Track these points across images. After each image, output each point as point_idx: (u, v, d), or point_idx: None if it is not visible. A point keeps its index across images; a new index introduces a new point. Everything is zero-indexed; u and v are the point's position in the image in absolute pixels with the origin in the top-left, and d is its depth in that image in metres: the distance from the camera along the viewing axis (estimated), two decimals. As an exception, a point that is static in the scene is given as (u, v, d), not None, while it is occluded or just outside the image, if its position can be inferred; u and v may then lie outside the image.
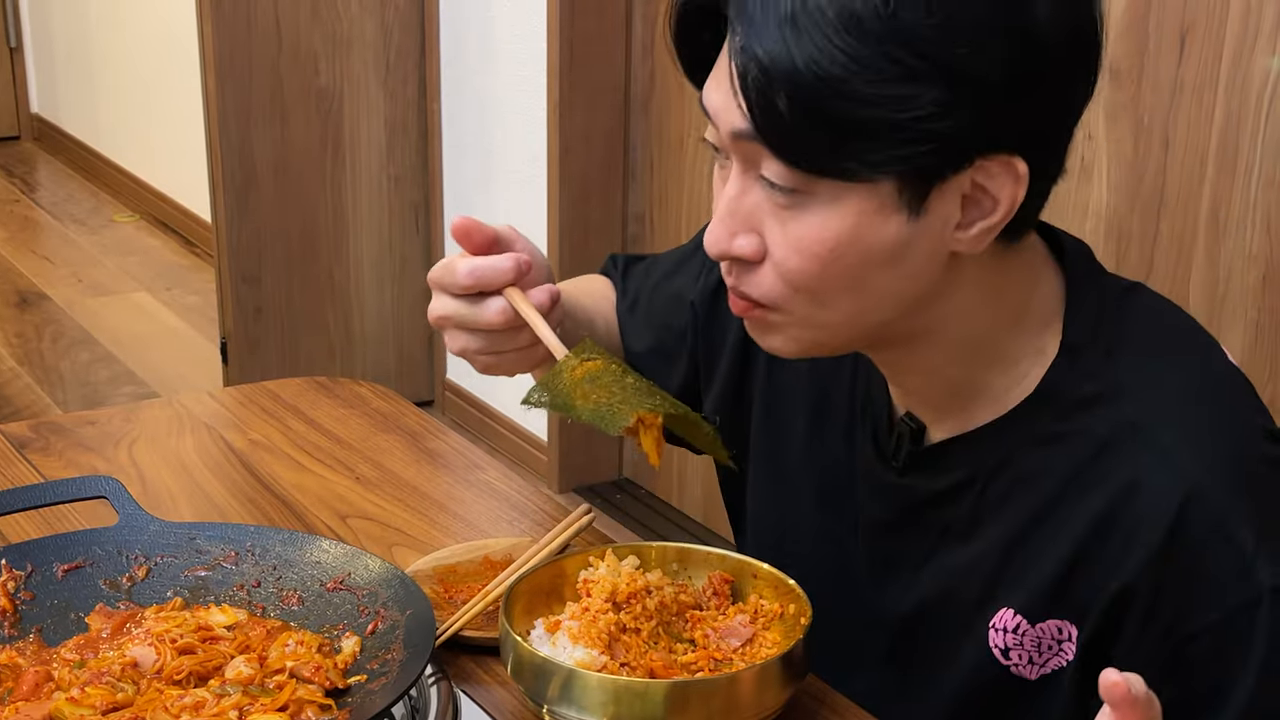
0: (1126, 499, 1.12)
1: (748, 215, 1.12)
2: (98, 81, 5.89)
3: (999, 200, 1.08)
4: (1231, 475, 1.11)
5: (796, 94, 1.03)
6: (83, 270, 5.11)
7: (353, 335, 3.96)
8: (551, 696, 1.14)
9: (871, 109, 1.02)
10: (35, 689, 1.15)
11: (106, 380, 4.30)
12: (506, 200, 3.62)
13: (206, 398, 1.85)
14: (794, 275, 1.11)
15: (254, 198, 3.74)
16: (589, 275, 1.58)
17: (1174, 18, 2.14)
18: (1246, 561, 1.09)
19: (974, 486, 1.20)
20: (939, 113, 1.02)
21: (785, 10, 1.03)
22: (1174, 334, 1.21)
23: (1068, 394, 1.16)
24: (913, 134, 1.03)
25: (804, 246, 1.09)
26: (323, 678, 1.15)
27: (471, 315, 1.28)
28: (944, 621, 1.25)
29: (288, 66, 3.71)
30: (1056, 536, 1.16)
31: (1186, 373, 1.18)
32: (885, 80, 1.02)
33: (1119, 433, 1.14)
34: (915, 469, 1.24)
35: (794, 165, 1.06)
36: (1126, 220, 2.25)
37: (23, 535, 1.44)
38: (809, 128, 1.04)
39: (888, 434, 1.26)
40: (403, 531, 1.52)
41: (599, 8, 3.28)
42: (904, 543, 1.26)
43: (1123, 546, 1.13)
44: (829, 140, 1.04)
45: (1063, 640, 1.18)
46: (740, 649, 1.21)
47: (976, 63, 1.03)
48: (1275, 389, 2.10)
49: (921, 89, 1.02)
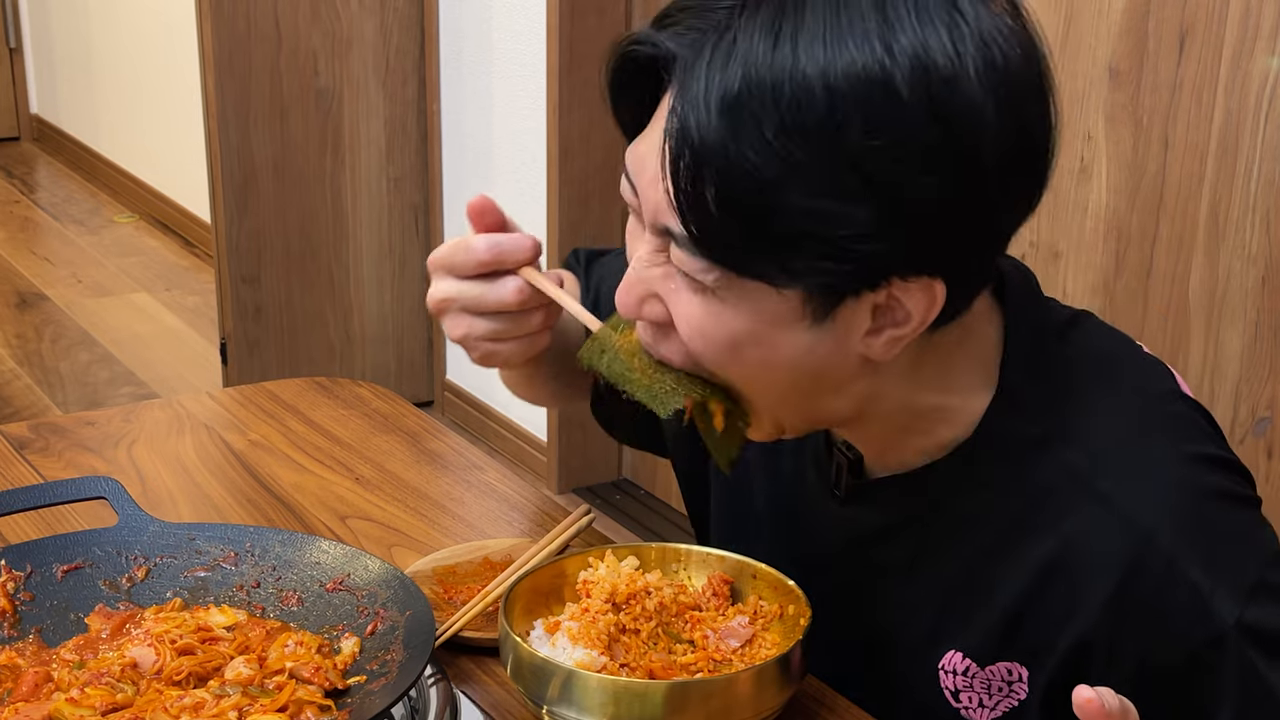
0: (1071, 547, 1.11)
1: (656, 283, 1.09)
2: (97, 82, 5.89)
3: (911, 314, 1.05)
4: (1178, 516, 1.10)
5: (726, 191, 1.00)
6: (82, 271, 5.11)
7: (352, 336, 3.96)
8: (551, 697, 1.14)
9: (799, 221, 0.99)
10: (35, 690, 1.15)
11: (106, 381, 4.30)
12: (506, 201, 3.61)
13: (206, 398, 1.85)
14: (699, 357, 1.10)
15: (253, 198, 3.74)
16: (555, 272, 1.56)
17: (1173, 18, 2.14)
18: (1203, 600, 1.07)
19: (911, 527, 1.19)
20: (866, 235, 1.00)
21: (728, 93, 0.99)
22: (1114, 370, 1.19)
23: (1006, 437, 1.14)
24: (835, 251, 1.00)
25: (705, 335, 1.08)
26: (322, 678, 1.15)
27: (482, 295, 1.22)
28: (893, 660, 1.23)
29: (287, 67, 3.71)
30: (1002, 581, 1.15)
31: (1126, 411, 1.15)
32: (818, 194, 0.99)
33: (1060, 479, 1.12)
34: (855, 501, 1.22)
35: (711, 261, 1.04)
36: (1126, 220, 2.25)
37: (22, 536, 1.44)
38: (732, 226, 1.01)
39: (826, 460, 1.24)
40: (402, 532, 1.52)
41: (598, 8, 3.28)
42: (851, 577, 1.25)
43: (1072, 595, 1.11)
44: (749, 243, 1.01)
45: (1013, 682, 1.17)
46: (739, 650, 1.21)
47: (914, 189, 0.99)
48: (1275, 389, 2.10)
49: (853, 209, 0.99)
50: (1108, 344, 1.21)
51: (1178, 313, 2.19)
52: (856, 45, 0.98)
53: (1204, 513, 1.11)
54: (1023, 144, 1.03)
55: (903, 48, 0.98)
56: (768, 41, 0.99)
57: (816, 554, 1.27)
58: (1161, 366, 1.22)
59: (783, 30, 0.99)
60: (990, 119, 1.00)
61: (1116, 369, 1.19)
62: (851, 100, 0.98)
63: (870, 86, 0.98)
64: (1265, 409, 2.12)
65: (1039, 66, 1.04)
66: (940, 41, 0.99)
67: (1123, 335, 1.23)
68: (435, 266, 1.24)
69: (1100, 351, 1.20)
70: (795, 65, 0.98)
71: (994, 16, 1.01)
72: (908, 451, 1.18)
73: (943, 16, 1.00)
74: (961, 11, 1.00)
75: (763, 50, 0.99)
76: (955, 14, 1.00)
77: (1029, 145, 1.04)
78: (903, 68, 0.98)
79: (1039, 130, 1.05)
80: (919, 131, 0.98)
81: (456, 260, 1.23)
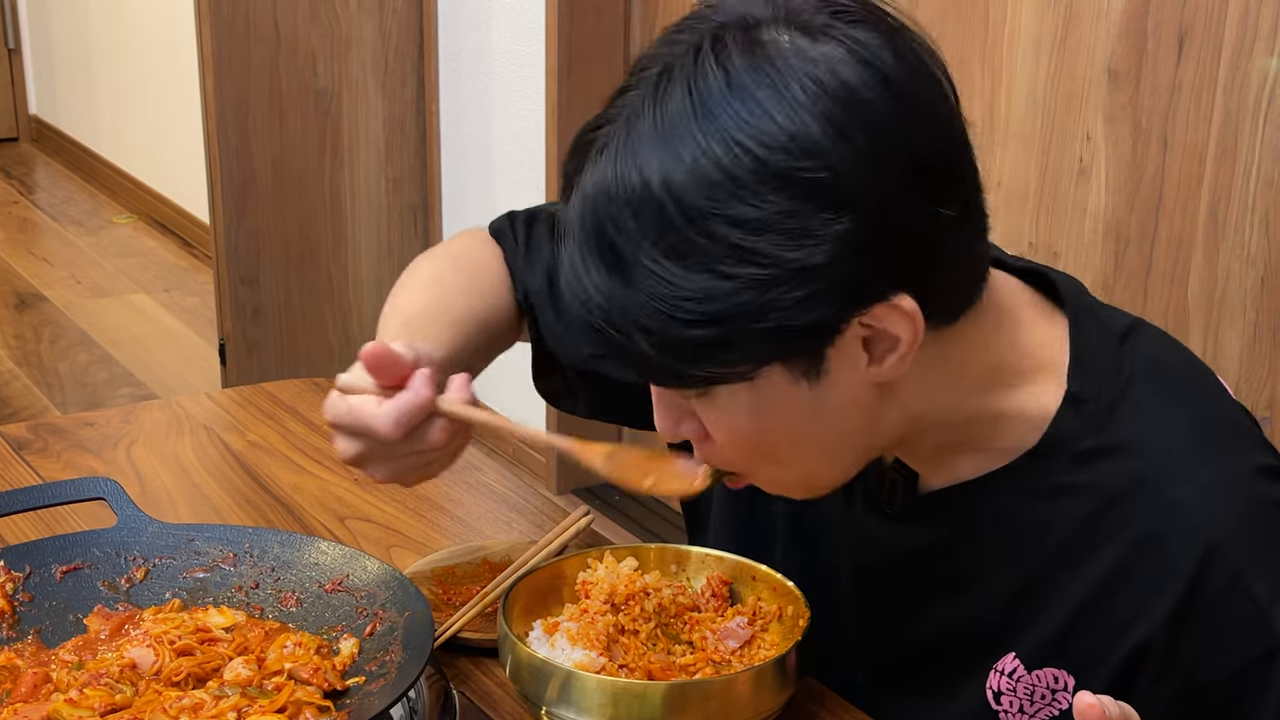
0: (1141, 554, 1.10)
1: (678, 404, 1.11)
2: (96, 83, 5.89)
3: (899, 335, 1.04)
4: (1246, 528, 1.10)
5: (651, 337, 1.01)
6: (81, 272, 5.11)
7: (351, 337, 3.95)
8: (550, 698, 1.14)
9: (724, 326, 0.99)
10: (34, 690, 1.15)
11: (105, 382, 4.30)
12: (505, 202, 3.62)
13: (205, 399, 1.85)
14: (738, 452, 1.10)
15: (252, 199, 3.74)
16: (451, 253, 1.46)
17: (1172, 19, 2.14)
18: (1262, 613, 1.08)
19: (970, 538, 1.18)
20: (797, 308, 0.99)
21: (603, 246, 1.01)
22: (1177, 379, 1.18)
23: (1073, 447, 1.13)
24: (777, 331, 1.00)
25: (728, 435, 1.08)
26: (321, 679, 1.15)
27: (409, 452, 1.16)
28: (939, 668, 1.22)
29: (286, 67, 3.71)
30: (1065, 589, 1.14)
31: (1193, 421, 1.15)
32: (729, 295, 0.99)
33: (1130, 486, 1.11)
34: (909, 518, 1.21)
35: (678, 389, 1.06)
36: (1125, 221, 2.25)
37: (21, 537, 1.44)
38: (674, 359, 1.02)
39: (878, 482, 1.22)
40: (401, 533, 1.52)
41: (597, 9, 3.28)
42: (896, 592, 1.23)
43: (1137, 602, 1.11)
44: (693, 364, 1.02)
45: (1057, 690, 1.16)
46: (738, 651, 1.21)
47: (814, 254, 0.98)
48: (1274, 390, 2.11)
49: (772, 293, 0.98)
50: (1168, 352, 1.20)
51: (1177, 313, 2.19)
52: (685, 147, 0.98)
53: (1269, 526, 1.11)
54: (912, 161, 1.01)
55: (728, 132, 0.97)
56: (608, 171, 1.00)
57: (861, 570, 1.25)
58: (1215, 376, 1.22)
59: (619, 154, 1.00)
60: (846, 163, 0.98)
61: (1179, 377, 1.19)
62: (698, 196, 0.98)
63: (711, 179, 0.97)
64: (1265, 409, 2.12)
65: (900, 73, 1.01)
66: (763, 111, 0.98)
67: (1179, 343, 1.22)
68: (337, 428, 1.16)
69: (1162, 359, 1.19)
70: (640, 182, 0.99)
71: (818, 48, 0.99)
72: (964, 465, 1.16)
73: (762, 85, 0.98)
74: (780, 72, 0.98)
75: (610, 180, 1.00)
76: (772, 77, 0.98)
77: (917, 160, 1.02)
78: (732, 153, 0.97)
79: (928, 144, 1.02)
80: (774, 207, 0.97)
81: (367, 430, 1.14)
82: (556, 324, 1.39)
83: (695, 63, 1.00)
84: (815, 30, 1.00)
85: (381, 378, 1.14)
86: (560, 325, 1.39)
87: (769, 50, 0.99)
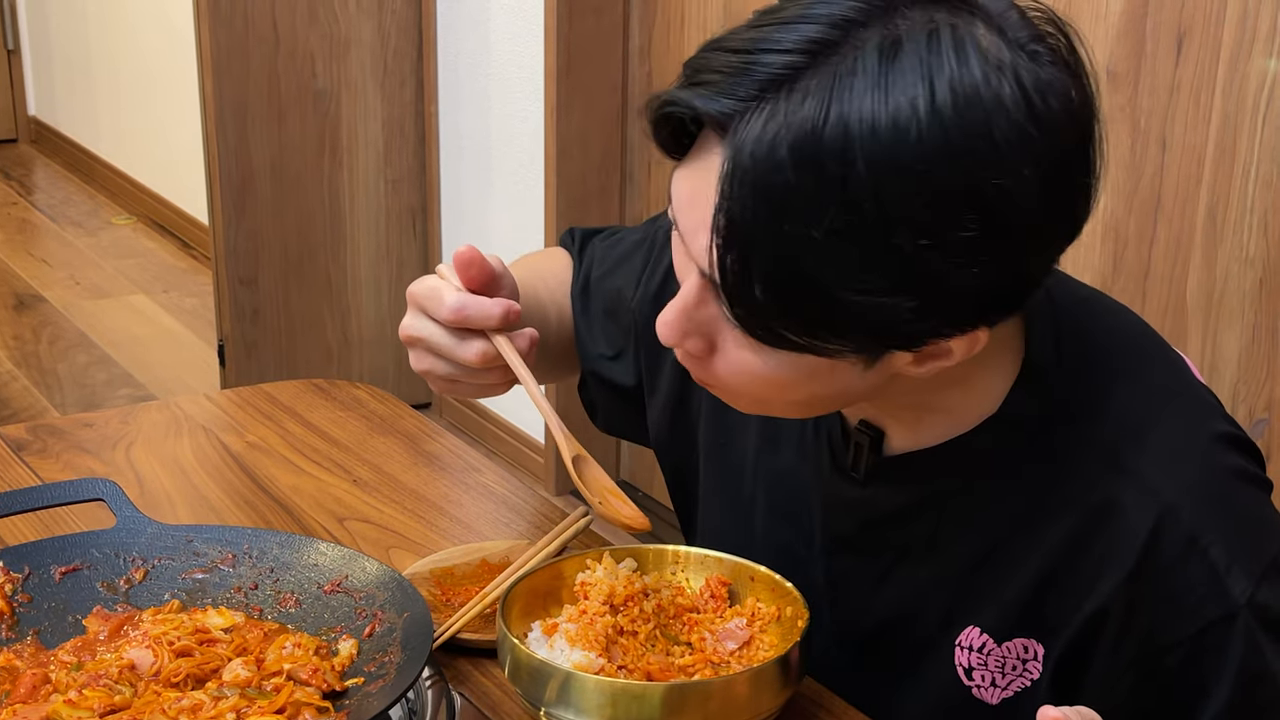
0: (1099, 520, 1.12)
1: (702, 323, 1.10)
2: (95, 84, 5.89)
3: (953, 352, 1.07)
4: (1201, 492, 1.11)
5: (772, 285, 1.01)
6: (80, 273, 5.10)
7: (350, 338, 3.95)
8: (549, 699, 1.14)
9: (844, 311, 1.01)
10: (33, 691, 1.15)
11: (104, 383, 4.29)
12: (503, 203, 3.63)
13: (204, 400, 1.85)
14: (742, 389, 1.11)
15: (251, 200, 3.74)
16: (547, 251, 1.55)
17: (1171, 20, 2.14)
18: (1219, 578, 1.09)
19: (934, 505, 1.19)
20: (910, 318, 1.01)
21: (775, 198, 0.99)
22: (1132, 347, 1.20)
23: (1031, 415, 1.15)
24: (879, 330, 1.02)
25: (753, 377, 1.09)
26: (320, 680, 1.15)
27: (448, 348, 1.25)
28: (907, 640, 1.24)
29: (285, 69, 3.71)
30: (1026, 556, 1.15)
31: (1149, 388, 1.17)
32: (865, 289, 1.00)
33: (1088, 454, 1.13)
34: (877, 480, 1.22)
35: (756, 339, 1.05)
36: (1124, 222, 2.25)
37: (20, 538, 1.44)
38: (777, 314, 1.02)
39: (843, 443, 1.24)
40: (400, 534, 1.52)
41: (596, 10, 3.28)
42: (862, 560, 1.25)
43: (1096, 567, 1.12)
44: (795, 327, 1.03)
45: (1027, 660, 1.17)
46: (737, 652, 1.21)
47: (959, 279, 1.00)
48: (1272, 391, 2.11)
49: (899, 299, 1.00)
50: (1122, 322, 1.23)
51: (1175, 314, 2.19)
52: (903, 144, 0.97)
53: (1226, 491, 1.13)
54: (1064, 208, 1.03)
55: (947, 141, 0.97)
56: (815, 130, 0.97)
57: (833, 539, 1.27)
58: (1173, 349, 1.23)
59: (830, 116, 0.97)
60: (1035, 200, 0.99)
61: (1136, 348, 1.21)
62: (898, 202, 0.97)
63: (917, 188, 0.97)
64: (1263, 410, 2.12)
65: (1088, 116, 1.03)
66: (985, 130, 0.98)
67: (1136, 315, 1.24)
68: (411, 302, 1.27)
69: (1118, 329, 1.21)
70: (844, 159, 0.97)
71: (1034, 71, 1.00)
72: (931, 428, 1.18)
73: (985, 100, 0.98)
74: (1002, 97, 0.98)
75: (810, 141, 0.97)
76: (999, 96, 0.98)
77: (1070, 209, 1.04)
78: (947, 165, 0.97)
79: (1081, 193, 1.05)
80: (972, 231, 0.98)
81: (429, 306, 1.25)
82: (582, 320, 1.47)
83: (929, 43, 0.98)
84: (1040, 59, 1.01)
85: (466, 277, 1.25)
86: (584, 322, 1.47)
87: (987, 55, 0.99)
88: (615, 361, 1.46)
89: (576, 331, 1.48)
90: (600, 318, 1.47)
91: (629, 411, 1.48)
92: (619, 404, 1.49)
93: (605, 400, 1.50)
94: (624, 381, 1.46)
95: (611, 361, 1.47)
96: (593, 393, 1.51)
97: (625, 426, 1.52)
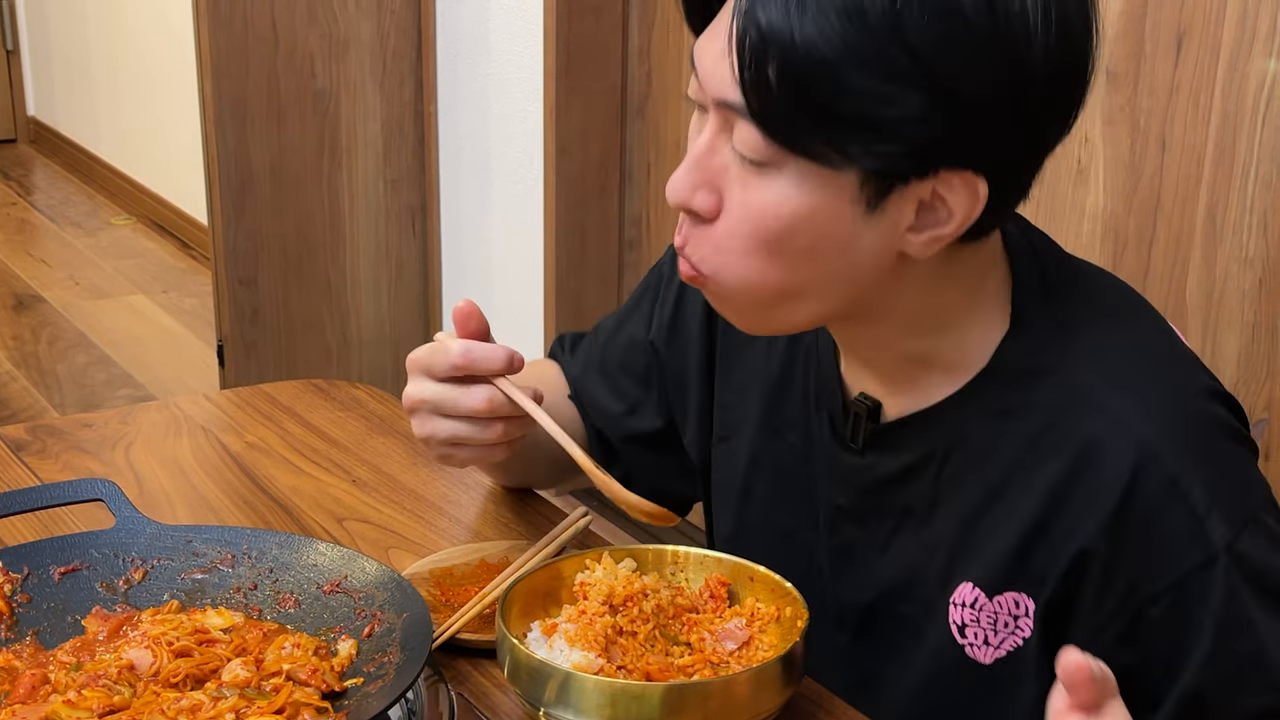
0: (1081, 463, 1.14)
1: (713, 173, 1.13)
2: (94, 84, 5.89)
3: (954, 213, 1.10)
4: (1182, 436, 1.13)
5: (787, 68, 1.04)
6: (79, 273, 5.11)
7: (349, 338, 3.95)
8: (548, 699, 1.14)
9: (855, 99, 1.04)
10: (32, 691, 1.15)
11: (103, 383, 4.29)
12: (503, 203, 3.63)
13: (203, 400, 1.85)
14: (742, 242, 1.13)
15: (250, 200, 3.74)
16: (536, 360, 1.58)
17: (1170, 20, 2.14)
18: (1199, 521, 1.11)
19: (932, 463, 1.22)
20: (916, 118, 1.04)
21: None
22: (1117, 303, 1.23)
23: (1019, 366, 1.18)
24: (887, 133, 1.05)
25: (760, 215, 1.11)
26: (319, 680, 1.15)
27: (452, 399, 1.29)
28: (904, 609, 1.26)
29: (284, 69, 3.70)
30: (1015, 507, 1.17)
31: (1134, 339, 1.20)
32: (874, 75, 1.03)
33: (1071, 399, 1.15)
34: (874, 447, 1.25)
35: (769, 135, 1.08)
36: (1123, 223, 2.25)
37: (19, 538, 1.44)
38: (792, 103, 1.05)
39: (843, 417, 1.27)
40: (399, 534, 1.52)
41: (596, 10, 3.28)
42: (865, 529, 1.27)
43: (1079, 511, 1.14)
44: (808, 119, 1.06)
45: (1019, 615, 1.19)
46: (736, 652, 1.21)
47: (963, 80, 1.04)
48: (1272, 391, 2.11)
49: (905, 91, 1.04)
50: (1111, 282, 1.26)
51: (1175, 315, 2.19)
52: None
53: (1209, 440, 1.15)
54: (1067, 51, 1.08)
55: None
56: None
57: (836, 512, 1.29)
58: (1150, 306, 1.26)
59: None
60: (1039, 21, 1.04)
61: (1125, 303, 1.24)
62: None
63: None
64: (1263, 410, 2.12)
65: None
66: None
67: (1121, 280, 1.27)
68: (413, 367, 1.32)
69: (1107, 287, 1.25)
70: None
71: None
72: (925, 390, 1.21)
73: None
74: None
75: None
76: None
77: (1073, 54, 1.09)
78: None
79: (1082, 41, 1.09)
80: (975, 24, 1.03)
81: (433, 362, 1.30)
82: (592, 394, 1.51)
83: None
84: None
85: (465, 330, 1.30)
86: (595, 394, 1.52)
87: None
88: (633, 415, 1.50)
89: (590, 407, 1.52)
90: (609, 379, 1.51)
91: (663, 460, 1.51)
92: (650, 455, 1.51)
93: (634, 457, 1.52)
94: (649, 427, 1.49)
95: (629, 416, 1.50)
96: (624, 460, 1.53)
97: (660, 477, 1.52)
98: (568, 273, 3.38)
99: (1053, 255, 1.24)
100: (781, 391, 1.35)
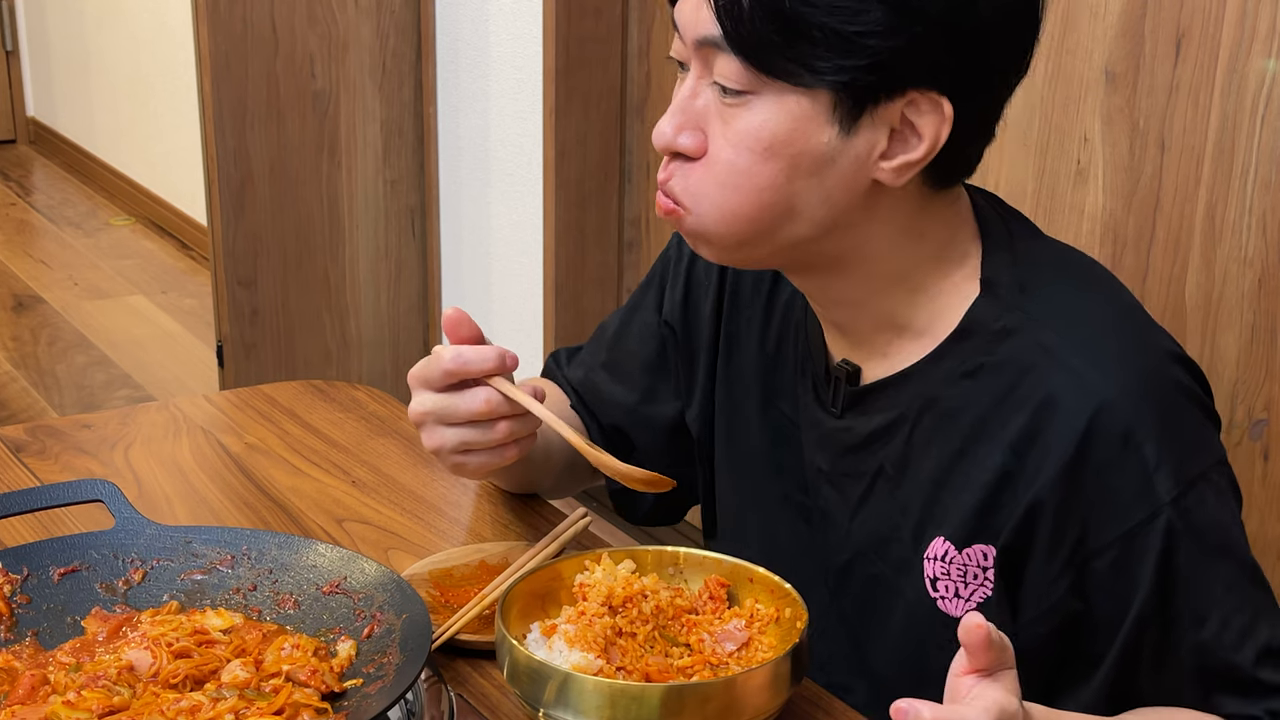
0: (1042, 417, 1.17)
1: (697, 115, 1.19)
2: (94, 85, 5.89)
3: (923, 137, 1.15)
4: (1140, 393, 1.16)
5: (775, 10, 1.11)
6: (79, 273, 5.10)
7: (349, 339, 3.95)
8: (547, 700, 1.14)
9: (823, 16, 1.11)
10: (32, 692, 1.15)
11: (102, 384, 4.29)
12: (502, 204, 3.63)
13: (202, 401, 1.85)
14: (725, 168, 1.18)
15: (250, 201, 3.74)
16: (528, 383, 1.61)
17: (1170, 21, 2.14)
18: (1148, 475, 1.14)
19: (904, 425, 1.25)
20: (881, 33, 1.10)
21: None
22: (1082, 270, 1.28)
23: (988, 327, 1.21)
24: (855, 48, 1.11)
25: (742, 140, 1.16)
26: (319, 681, 1.15)
27: (453, 405, 1.30)
28: (879, 569, 1.29)
29: (284, 69, 3.70)
30: (983, 462, 1.21)
31: (1098, 303, 1.24)
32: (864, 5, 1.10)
33: (1036, 357, 1.19)
34: (853, 410, 1.29)
35: (746, 61, 1.14)
36: (1122, 223, 2.25)
37: (19, 539, 1.44)
38: (765, 26, 1.11)
39: (825, 383, 1.31)
40: (399, 535, 1.52)
41: (595, 11, 3.28)
42: (840, 490, 1.31)
43: (1038, 462, 1.17)
44: (781, 41, 1.12)
45: (987, 567, 1.22)
46: (736, 653, 1.21)
47: (934, 5, 1.11)
48: (1271, 391, 2.11)
49: (869, 6, 1.10)
50: (1071, 250, 1.30)
51: (1174, 315, 2.19)
52: None
53: (1167, 399, 1.18)
54: None
55: None
56: None
57: (816, 475, 1.33)
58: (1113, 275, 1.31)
59: None
60: None
61: (1083, 270, 1.28)
62: None
63: None
64: (1262, 411, 2.12)
65: None
66: None
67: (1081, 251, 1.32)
68: (413, 382, 1.33)
69: (1067, 254, 1.29)
70: None
71: None
72: (900, 353, 1.26)
73: None
74: None
75: None
76: None
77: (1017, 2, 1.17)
78: None
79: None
80: None
81: (429, 373, 1.31)
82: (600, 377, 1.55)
83: None
84: None
85: (457, 336, 1.32)
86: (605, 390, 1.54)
87: None
88: (650, 403, 1.52)
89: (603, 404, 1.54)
90: (619, 373, 1.54)
91: (677, 447, 1.53)
92: (666, 442, 1.53)
93: (650, 446, 1.54)
94: (669, 413, 1.52)
95: (646, 404, 1.53)
96: (640, 453, 1.54)
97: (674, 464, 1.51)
98: (567, 273, 3.38)
99: (1021, 225, 1.29)
100: (775, 364, 1.39)
